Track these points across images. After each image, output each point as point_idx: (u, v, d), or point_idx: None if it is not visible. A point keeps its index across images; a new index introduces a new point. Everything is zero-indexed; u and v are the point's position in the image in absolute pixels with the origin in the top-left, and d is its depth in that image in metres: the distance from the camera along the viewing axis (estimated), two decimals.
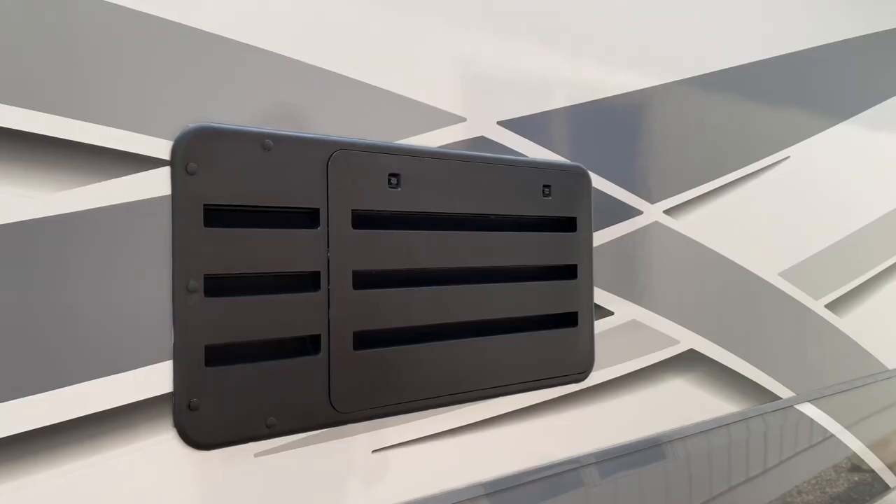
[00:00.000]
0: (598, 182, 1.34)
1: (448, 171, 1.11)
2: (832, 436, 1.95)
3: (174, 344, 0.85)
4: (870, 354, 2.11)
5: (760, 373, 1.72)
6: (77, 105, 0.79)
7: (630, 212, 1.40)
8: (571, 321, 1.28)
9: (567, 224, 1.28)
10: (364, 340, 1.01)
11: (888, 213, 2.18)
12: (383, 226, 1.03)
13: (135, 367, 0.83)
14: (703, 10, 1.57)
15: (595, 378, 1.33)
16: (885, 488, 2.14)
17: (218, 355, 0.89)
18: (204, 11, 0.89)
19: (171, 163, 0.86)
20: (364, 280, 1.02)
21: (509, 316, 1.19)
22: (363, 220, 1.02)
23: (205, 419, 0.87)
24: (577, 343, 1.29)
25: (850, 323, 2.02)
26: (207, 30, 0.89)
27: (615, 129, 1.39)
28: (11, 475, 0.75)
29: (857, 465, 2.03)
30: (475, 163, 1.14)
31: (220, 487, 0.90)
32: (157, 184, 0.85)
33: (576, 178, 1.29)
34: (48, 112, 0.77)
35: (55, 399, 0.78)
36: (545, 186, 1.24)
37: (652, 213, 1.45)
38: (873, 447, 2.10)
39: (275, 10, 0.96)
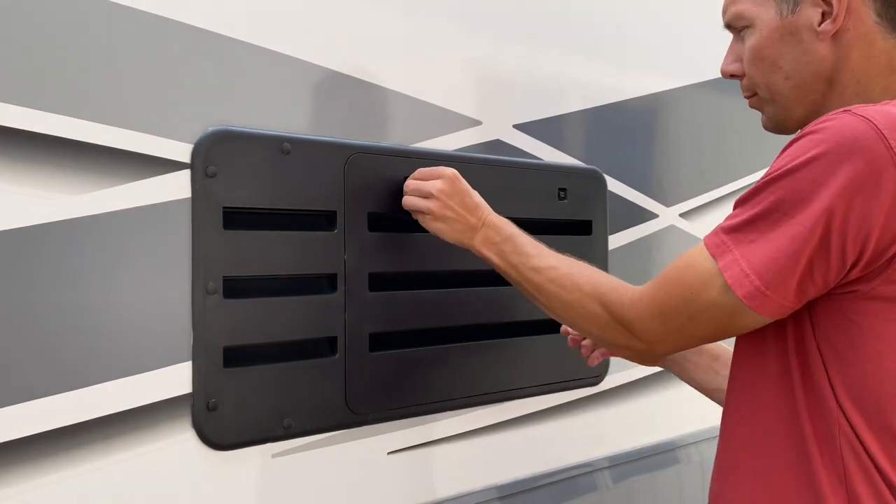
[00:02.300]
0: (614, 185, 1.33)
1: (464, 174, 1.11)
2: None
3: (193, 345, 0.86)
4: None
5: None
6: (98, 108, 0.80)
7: (646, 215, 1.40)
8: None
9: (583, 227, 1.28)
10: (380, 342, 1.02)
11: None
12: (399, 228, 1.03)
13: (154, 368, 0.84)
14: (719, 13, 1.57)
15: (610, 382, 1.32)
16: None
17: (236, 356, 0.89)
18: (224, 16, 0.90)
19: (192, 166, 0.86)
20: (380, 282, 1.02)
21: (525, 319, 1.19)
22: (379, 222, 1.02)
23: (223, 420, 0.88)
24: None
25: None
26: (227, 34, 0.90)
27: (631, 132, 1.39)
28: (37, 473, 0.76)
29: None
30: (491, 166, 1.15)
31: (238, 488, 0.91)
32: (177, 186, 0.86)
33: (591, 182, 1.29)
34: (70, 115, 0.78)
35: (74, 400, 0.78)
36: (561, 190, 1.24)
37: (668, 216, 1.45)
38: None
39: (296, 16, 0.96)
